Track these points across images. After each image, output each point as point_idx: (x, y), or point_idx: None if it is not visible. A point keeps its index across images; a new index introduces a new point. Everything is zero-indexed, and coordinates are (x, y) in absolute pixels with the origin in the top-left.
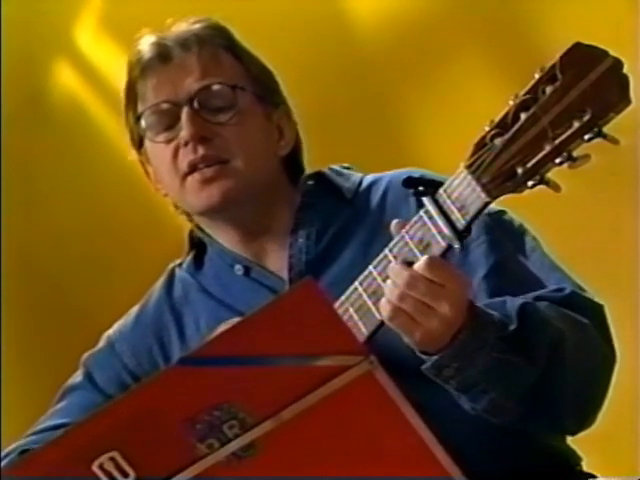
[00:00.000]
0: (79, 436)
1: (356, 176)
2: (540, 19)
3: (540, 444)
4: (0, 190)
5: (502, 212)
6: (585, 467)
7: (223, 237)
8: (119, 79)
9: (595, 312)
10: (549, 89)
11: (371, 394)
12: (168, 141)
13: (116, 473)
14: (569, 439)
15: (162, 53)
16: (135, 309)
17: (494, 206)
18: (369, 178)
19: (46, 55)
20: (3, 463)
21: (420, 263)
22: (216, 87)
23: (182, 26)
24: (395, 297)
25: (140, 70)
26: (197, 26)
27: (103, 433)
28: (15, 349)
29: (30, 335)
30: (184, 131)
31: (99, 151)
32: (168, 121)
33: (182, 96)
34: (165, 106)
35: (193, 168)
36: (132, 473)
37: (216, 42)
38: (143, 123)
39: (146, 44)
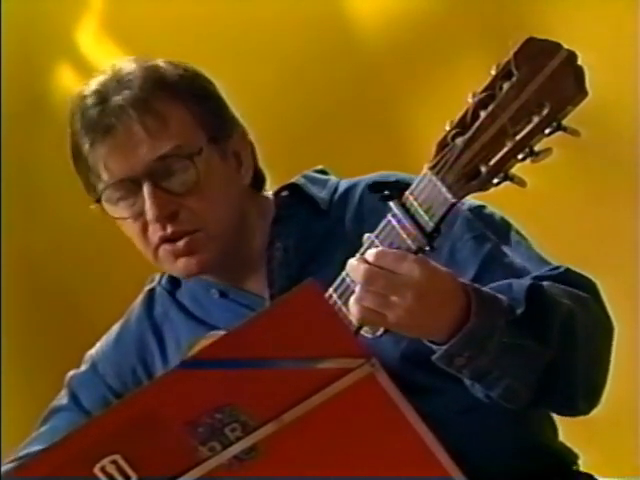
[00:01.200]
0: (81, 439)
1: (332, 183)
2: (541, 22)
3: (537, 444)
4: (1, 192)
5: (482, 207)
6: (584, 466)
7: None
8: None
9: (591, 287)
10: (506, 85)
11: (373, 397)
12: (134, 218)
13: (118, 476)
14: (569, 439)
15: (106, 126)
16: (116, 328)
17: (473, 201)
18: (344, 184)
19: (47, 57)
20: None
21: (369, 253)
22: (172, 155)
23: (120, 83)
24: (358, 296)
25: (89, 144)
26: (134, 85)
27: (105, 436)
28: (15, 350)
29: (30, 336)
30: (149, 211)
31: None
32: (128, 195)
33: (139, 170)
34: (124, 183)
35: (164, 242)
36: (134, 476)
37: (157, 98)
38: (104, 198)
39: (90, 111)
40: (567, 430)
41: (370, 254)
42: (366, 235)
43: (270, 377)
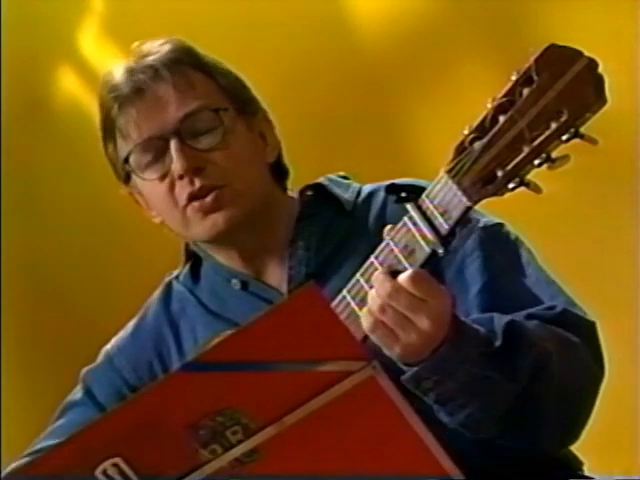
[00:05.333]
0: (82, 442)
1: (354, 186)
2: (543, 25)
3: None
4: (1, 195)
5: (499, 225)
6: (585, 467)
7: (222, 256)
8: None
9: (586, 330)
10: (526, 91)
11: (374, 399)
12: (161, 177)
13: (119, 479)
14: None
15: (135, 87)
16: (132, 323)
17: (491, 218)
18: (367, 188)
19: (49, 60)
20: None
21: (404, 276)
22: (199, 113)
23: (148, 52)
24: (376, 307)
25: (118, 107)
26: (163, 50)
27: (106, 439)
28: (15, 352)
29: (30, 337)
30: (176, 165)
31: (102, 156)
32: (156, 155)
33: (167, 128)
34: (152, 142)
35: (192, 199)
36: (135, 479)
37: (185, 64)
38: (132, 162)
39: (118, 77)
40: None
41: (403, 277)
42: (385, 230)
43: (271, 380)
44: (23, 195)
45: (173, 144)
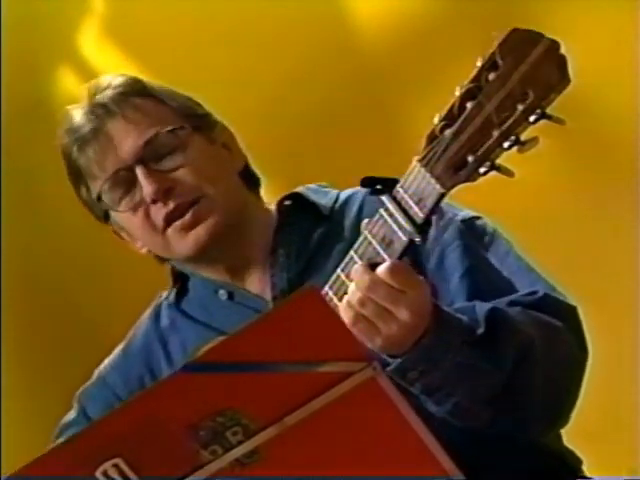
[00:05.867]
0: (83, 443)
1: (333, 193)
2: (543, 25)
3: (541, 446)
4: (1, 195)
5: (476, 218)
6: (585, 467)
7: (207, 271)
8: None
9: (568, 314)
10: (491, 76)
11: (374, 400)
12: (135, 207)
13: (120, 479)
14: (567, 439)
15: (90, 127)
16: (123, 343)
17: (468, 212)
18: (345, 193)
19: (49, 61)
20: None
21: (382, 268)
22: (157, 137)
23: (97, 89)
24: (356, 301)
25: (77, 149)
26: (111, 86)
27: (106, 440)
28: (15, 352)
29: (31, 338)
30: (147, 190)
31: None
32: (126, 188)
33: (130, 159)
34: (118, 176)
35: (170, 221)
36: (135, 479)
37: (133, 95)
38: (105, 199)
39: (73, 120)
40: (566, 430)
41: (381, 268)
42: (363, 223)
43: (272, 381)
44: (23, 195)
45: (139, 171)
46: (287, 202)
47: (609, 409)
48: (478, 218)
